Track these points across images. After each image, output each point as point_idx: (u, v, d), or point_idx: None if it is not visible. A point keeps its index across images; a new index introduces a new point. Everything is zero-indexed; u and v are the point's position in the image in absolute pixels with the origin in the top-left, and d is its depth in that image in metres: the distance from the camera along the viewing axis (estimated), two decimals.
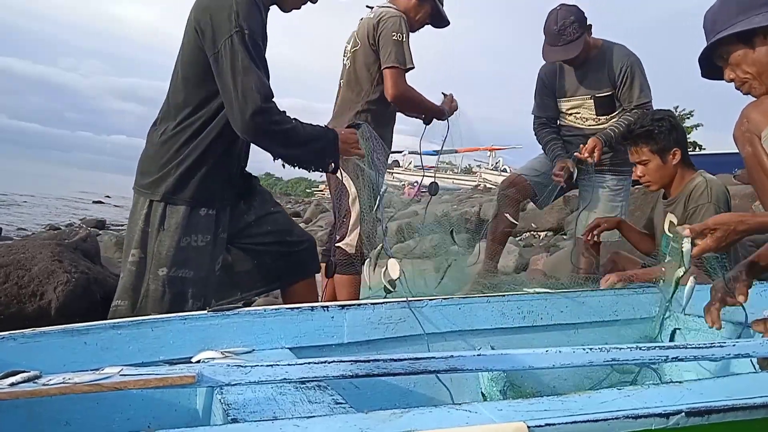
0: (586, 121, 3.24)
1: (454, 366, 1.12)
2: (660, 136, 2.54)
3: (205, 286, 1.98)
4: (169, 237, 1.93)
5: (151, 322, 1.57)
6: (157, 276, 1.92)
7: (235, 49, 1.82)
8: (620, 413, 0.97)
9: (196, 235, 1.96)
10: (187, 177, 1.94)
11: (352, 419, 0.93)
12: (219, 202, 2.01)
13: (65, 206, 22.46)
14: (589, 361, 1.21)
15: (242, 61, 1.82)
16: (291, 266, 2.21)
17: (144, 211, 1.96)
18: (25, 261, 2.79)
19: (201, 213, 1.97)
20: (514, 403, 1.00)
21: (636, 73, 3.08)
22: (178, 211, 1.94)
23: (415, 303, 1.85)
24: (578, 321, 2.04)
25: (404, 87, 2.81)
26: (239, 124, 1.84)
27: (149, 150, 2.01)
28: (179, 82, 1.98)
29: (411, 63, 2.80)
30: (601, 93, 3.16)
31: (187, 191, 1.94)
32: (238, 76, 1.82)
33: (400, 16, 2.81)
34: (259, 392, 1.23)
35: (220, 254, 2.04)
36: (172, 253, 1.92)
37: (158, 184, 1.95)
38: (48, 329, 1.47)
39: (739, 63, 1.72)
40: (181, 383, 1.03)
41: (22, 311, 2.64)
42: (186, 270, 1.94)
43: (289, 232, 2.24)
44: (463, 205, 10.11)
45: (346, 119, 2.88)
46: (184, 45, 1.98)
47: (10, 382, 0.99)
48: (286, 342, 1.68)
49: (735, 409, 1.03)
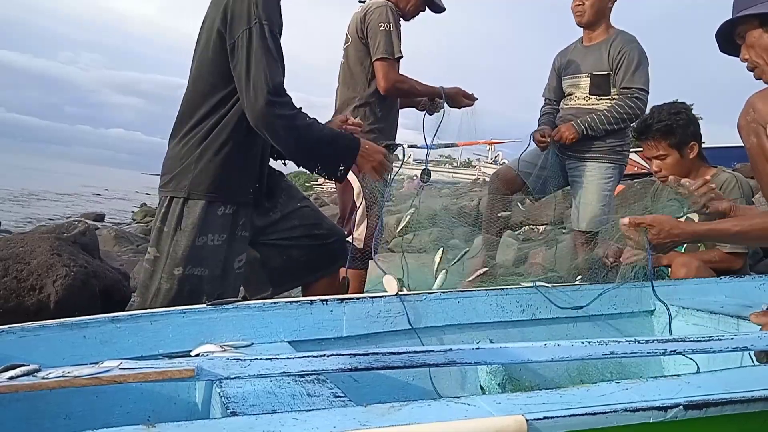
0: (578, 99, 3.25)
1: (453, 359, 1.13)
2: (678, 130, 2.53)
3: (220, 285, 1.97)
4: (185, 237, 1.92)
5: (150, 315, 1.57)
6: (171, 275, 1.92)
7: (253, 39, 1.82)
8: (618, 406, 0.97)
9: (213, 234, 1.94)
10: (207, 171, 1.93)
11: (351, 412, 0.93)
12: (239, 198, 1.99)
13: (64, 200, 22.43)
14: (588, 354, 1.21)
15: (257, 51, 1.81)
16: (320, 259, 2.20)
17: (162, 210, 1.97)
18: (24, 255, 2.79)
19: (218, 212, 1.95)
20: (512, 397, 1.01)
21: (634, 56, 3.08)
22: (196, 209, 1.93)
23: (413, 297, 1.86)
24: (577, 315, 2.05)
25: (395, 78, 2.78)
26: (250, 114, 1.84)
27: (170, 150, 2.01)
28: (196, 78, 1.98)
29: (399, 52, 2.77)
30: (597, 72, 3.17)
31: (206, 185, 1.93)
32: (252, 66, 1.82)
33: (385, 6, 2.79)
34: (258, 386, 1.23)
35: (241, 253, 2.02)
36: (187, 253, 1.92)
37: (179, 179, 1.95)
38: (47, 323, 1.46)
39: (754, 45, 1.69)
40: (180, 377, 1.04)
41: (21, 305, 2.64)
42: (200, 268, 1.93)
43: (318, 225, 2.22)
44: (462, 199, 10.10)
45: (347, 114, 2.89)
46: (200, 41, 1.98)
47: (10, 376, 0.99)
48: (285, 335, 1.68)
49: (733, 402, 1.03)
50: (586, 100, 3.21)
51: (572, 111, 3.25)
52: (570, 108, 3.27)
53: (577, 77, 3.25)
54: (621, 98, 3.08)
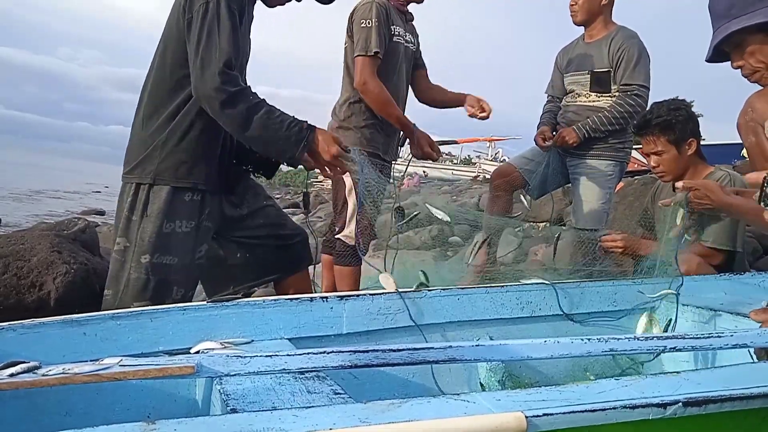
0: (579, 97, 3.24)
1: (453, 356, 1.13)
2: (677, 126, 2.53)
3: (189, 274, 1.96)
4: (151, 223, 1.91)
5: (150, 312, 1.58)
6: (139, 264, 1.90)
7: (208, 14, 1.82)
8: (618, 403, 0.97)
9: (180, 221, 1.93)
10: (172, 156, 1.92)
11: (350, 409, 0.93)
12: (205, 186, 1.97)
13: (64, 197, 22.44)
14: (588, 351, 1.21)
15: (210, 25, 1.81)
16: (284, 259, 2.19)
17: (129, 198, 1.95)
18: (24, 252, 2.79)
19: (185, 198, 1.94)
20: (512, 394, 1.01)
21: (635, 53, 3.06)
22: (162, 194, 1.92)
23: (413, 294, 1.86)
24: (577, 311, 2.05)
25: (367, 77, 2.70)
26: (195, 86, 1.82)
27: (134, 137, 2.00)
28: (160, 61, 1.96)
29: (376, 47, 2.68)
30: (598, 69, 3.16)
31: (172, 171, 1.92)
32: (203, 39, 1.81)
33: (372, 2, 2.74)
34: (258, 382, 1.23)
35: (203, 243, 2.01)
36: (154, 239, 1.90)
37: (144, 165, 1.94)
38: (47, 320, 1.47)
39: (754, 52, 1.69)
40: (180, 374, 1.04)
41: (21, 302, 2.65)
42: (169, 256, 1.91)
43: (282, 225, 2.22)
44: (462, 196, 10.10)
45: (341, 108, 2.89)
46: (165, 26, 1.98)
47: (10, 373, 0.99)
48: (285, 332, 1.68)
49: (732, 399, 1.03)
50: (587, 97, 3.20)
51: (574, 109, 3.24)
52: (572, 106, 3.26)
53: (579, 74, 3.24)
54: (621, 96, 3.07)
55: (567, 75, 3.31)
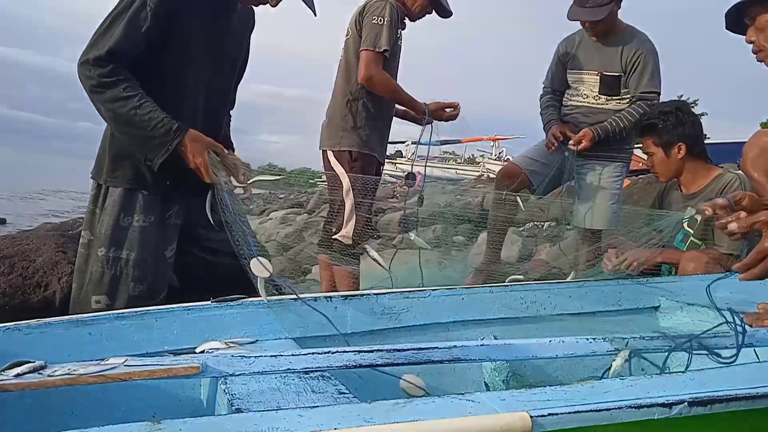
0: (587, 97, 3.21)
1: (457, 356, 1.13)
2: (663, 130, 2.54)
3: (149, 269, 1.93)
4: (108, 216, 1.92)
5: (155, 312, 1.58)
6: (98, 257, 1.90)
7: (121, 5, 1.83)
8: (623, 403, 0.97)
9: (139, 215, 1.92)
10: (119, 159, 1.93)
11: (355, 409, 0.93)
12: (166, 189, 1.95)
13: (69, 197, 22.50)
14: (593, 350, 1.21)
15: (115, 16, 1.82)
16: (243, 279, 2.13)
17: (92, 192, 1.98)
18: (29, 252, 2.80)
19: (143, 193, 1.94)
20: (516, 393, 1.01)
21: (649, 61, 3.05)
22: (116, 191, 1.93)
23: (418, 293, 1.85)
24: (581, 311, 2.04)
25: (375, 71, 2.74)
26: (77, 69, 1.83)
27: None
28: None
29: (386, 45, 2.72)
30: (609, 72, 3.13)
31: (121, 174, 1.93)
32: (103, 26, 1.83)
33: (387, 1, 2.77)
34: (263, 382, 1.23)
35: (173, 241, 1.99)
36: (110, 233, 1.90)
37: (98, 166, 1.97)
38: (53, 320, 1.47)
39: (763, 28, 1.68)
40: (185, 374, 1.04)
41: (26, 302, 2.65)
42: (125, 251, 1.90)
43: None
44: (467, 195, 10.08)
45: (338, 108, 2.89)
46: None
47: (16, 373, 0.99)
48: (290, 332, 1.68)
49: (738, 398, 1.03)
50: (596, 99, 3.17)
51: (582, 110, 3.21)
52: (578, 106, 3.23)
53: (585, 73, 3.21)
54: (640, 104, 3.04)
55: (571, 71, 3.27)
